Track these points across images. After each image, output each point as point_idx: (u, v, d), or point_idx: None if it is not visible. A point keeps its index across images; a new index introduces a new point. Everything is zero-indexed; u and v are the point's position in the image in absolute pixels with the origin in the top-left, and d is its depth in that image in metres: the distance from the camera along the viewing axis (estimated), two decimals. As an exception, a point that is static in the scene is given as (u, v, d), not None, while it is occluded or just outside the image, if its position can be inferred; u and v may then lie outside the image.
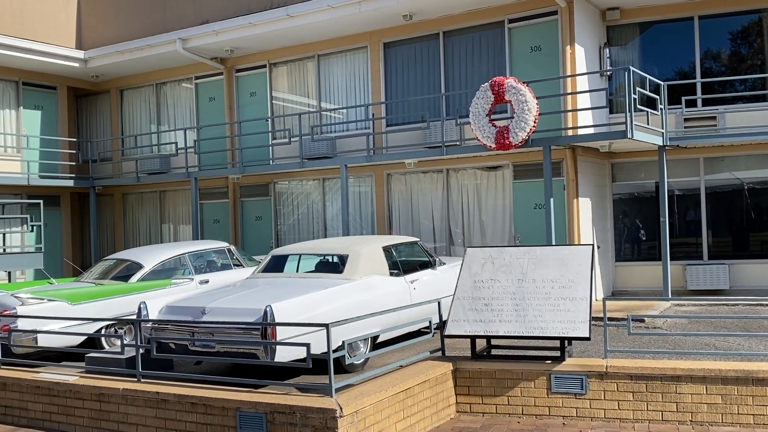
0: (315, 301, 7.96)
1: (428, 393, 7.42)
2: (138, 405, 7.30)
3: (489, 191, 13.86)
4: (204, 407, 6.87)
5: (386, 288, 8.93)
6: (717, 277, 13.03)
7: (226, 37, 15.34)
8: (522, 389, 7.64)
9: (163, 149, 17.55)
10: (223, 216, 16.96)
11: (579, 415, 7.46)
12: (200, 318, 7.75)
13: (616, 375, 7.36)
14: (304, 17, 14.30)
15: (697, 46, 13.50)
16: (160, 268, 10.74)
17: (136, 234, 18.54)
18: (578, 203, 12.76)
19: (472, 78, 13.93)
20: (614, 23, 13.86)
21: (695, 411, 7.17)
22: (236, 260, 11.71)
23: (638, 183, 13.97)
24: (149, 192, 18.27)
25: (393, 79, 14.83)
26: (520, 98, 11.43)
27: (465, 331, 7.91)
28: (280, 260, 9.72)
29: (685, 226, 13.73)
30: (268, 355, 7.25)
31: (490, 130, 11.72)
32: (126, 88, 18.78)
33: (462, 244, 14.02)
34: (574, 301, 7.65)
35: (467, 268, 8.40)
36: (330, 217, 15.59)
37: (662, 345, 9.08)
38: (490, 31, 13.74)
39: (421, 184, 14.54)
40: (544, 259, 8.10)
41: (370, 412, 6.55)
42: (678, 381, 7.21)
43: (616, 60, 13.89)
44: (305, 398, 6.49)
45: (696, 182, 13.54)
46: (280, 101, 16.33)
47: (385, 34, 14.75)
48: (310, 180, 15.84)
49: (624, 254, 14.08)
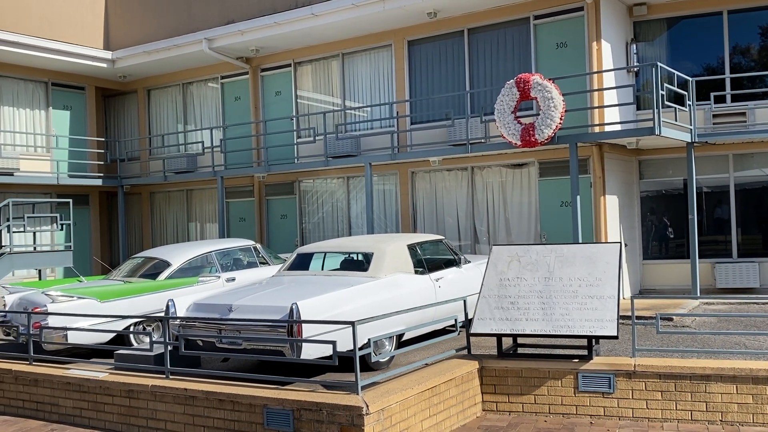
0: (340, 298, 7.98)
1: (454, 391, 7.41)
2: (166, 401, 7.37)
3: (514, 189, 13.78)
4: (231, 404, 6.92)
5: (411, 286, 8.93)
6: (747, 275, 12.84)
7: (251, 36, 15.43)
8: (549, 388, 7.59)
9: (190, 148, 17.70)
10: (248, 214, 17.08)
11: (607, 414, 7.40)
12: (227, 315, 7.81)
13: (645, 374, 7.29)
14: (329, 16, 14.34)
15: (726, 41, 13.30)
16: (187, 266, 10.82)
17: (163, 232, 18.74)
18: (605, 201, 12.65)
19: (497, 75, 13.87)
20: (641, 19, 13.70)
21: (725, 411, 7.07)
22: (262, 258, 11.77)
23: (666, 180, 13.81)
24: (176, 191, 18.44)
25: (417, 77, 14.81)
26: (546, 95, 11.36)
27: (491, 330, 7.88)
28: (305, 258, 9.76)
29: (713, 223, 13.54)
30: (294, 352, 7.29)
31: (516, 127, 11.66)
32: (153, 88, 18.97)
33: (487, 242, 13.96)
34: (601, 300, 7.59)
35: (493, 266, 8.36)
36: (354, 215, 15.62)
37: (691, 344, 8.97)
38: (516, 28, 13.66)
39: (446, 181, 14.51)
40: (570, 257, 8.05)
41: (396, 410, 6.55)
42: (708, 380, 7.12)
43: (643, 56, 13.73)
44: (332, 395, 6.52)
45: (725, 179, 13.35)
46: (305, 100, 16.39)
47: (410, 32, 14.74)
48: (334, 178, 15.89)
49: (651, 252, 13.93)
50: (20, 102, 17.32)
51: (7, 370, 8.75)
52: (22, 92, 17.36)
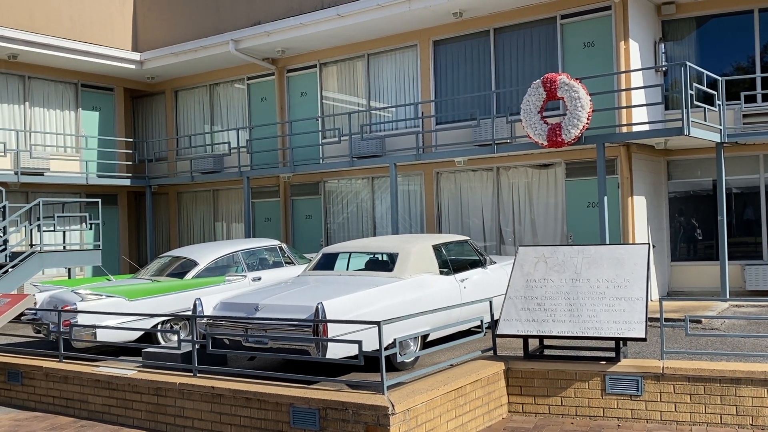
0: (365, 298, 7.99)
1: (480, 392, 7.39)
2: (194, 399, 7.44)
3: (540, 189, 13.70)
4: (258, 402, 6.97)
5: (436, 287, 8.91)
6: (778, 277, 12.64)
7: (277, 37, 15.52)
8: (576, 390, 7.53)
9: (217, 149, 17.84)
10: (274, 214, 17.17)
11: (634, 417, 7.33)
12: (253, 314, 7.86)
13: (673, 376, 7.21)
14: (354, 17, 14.37)
15: (757, 39, 13.09)
16: (214, 265, 10.91)
17: (190, 232, 18.91)
18: (633, 202, 12.52)
19: (523, 75, 13.80)
20: (670, 18, 13.55)
21: (756, 414, 6.97)
22: (287, 258, 11.83)
23: (695, 181, 13.63)
24: (203, 191, 18.61)
25: (442, 77, 14.79)
26: (573, 95, 11.27)
27: (517, 331, 7.84)
28: (330, 258, 9.78)
29: (743, 225, 13.34)
30: (320, 351, 7.32)
31: (542, 128, 11.59)
32: (180, 89, 19.16)
33: (512, 243, 13.89)
34: (629, 301, 7.51)
35: (519, 267, 8.32)
36: (379, 215, 15.63)
37: (720, 347, 8.85)
38: (542, 27, 13.58)
39: (471, 182, 14.46)
40: (598, 259, 7.98)
41: (421, 410, 6.55)
42: (738, 383, 7.02)
43: (672, 55, 13.57)
44: (357, 395, 6.53)
45: (755, 180, 13.14)
46: (330, 101, 16.44)
47: (435, 32, 14.72)
48: (359, 179, 15.91)
49: (680, 254, 13.75)
50: (50, 103, 17.59)
51: (38, 367, 8.89)
52: (52, 93, 17.62)
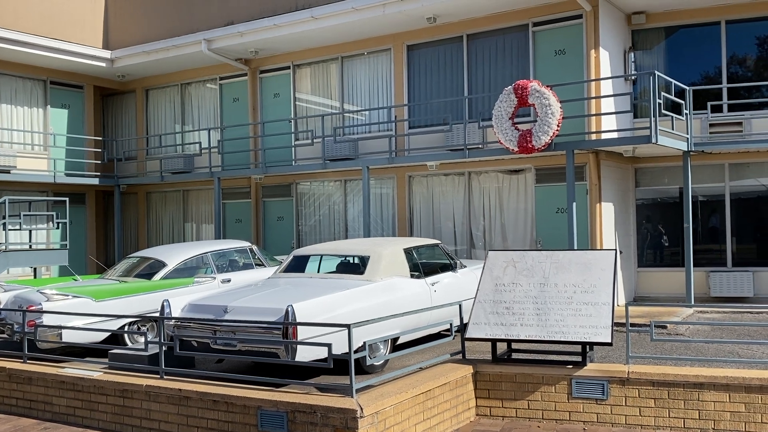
0: (336, 301, 7.99)
1: (448, 395, 7.43)
2: (161, 402, 7.37)
3: (511, 194, 13.82)
4: (226, 405, 6.93)
5: (407, 290, 8.95)
6: (741, 284, 12.89)
7: (250, 38, 15.45)
8: (542, 393, 7.61)
9: (187, 149, 17.71)
10: (245, 216, 17.08)
11: (600, 421, 7.42)
12: (222, 316, 7.82)
13: (638, 381, 7.31)
14: (329, 19, 14.37)
15: (724, 50, 13.37)
16: (183, 266, 10.82)
17: (159, 232, 18.73)
18: (601, 208, 12.69)
19: (495, 81, 13.91)
20: (639, 27, 13.76)
21: (718, 419, 7.10)
22: (258, 260, 11.78)
23: (662, 188, 13.86)
24: (173, 191, 18.44)
25: (416, 82, 14.85)
26: (544, 102, 11.40)
27: (486, 335, 7.90)
28: (301, 260, 9.77)
29: (708, 232, 13.59)
30: (289, 354, 7.30)
31: (513, 134, 11.70)
32: (151, 88, 18.98)
33: (483, 247, 13.99)
34: (596, 306, 7.61)
35: (489, 271, 8.39)
36: (351, 218, 15.63)
37: (685, 352, 9.00)
38: (514, 35, 13.71)
39: (443, 186, 14.54)
40: (566, 264, 8.07)
41: (390, 413, 6.56)
42: (701, 388, 7.15)
43: (641, 64, 13.79)
44: (326, 398, 6.52)
45: (721, 188, 13.40)
46: (303, 102, 16.42)
47: (409, 36, 14.78)
48: (331, 181, 15.90)
49: (646, 260, 13.97)
50: (18, 100, 17.30)
51: (1, 368, 8.73)
52: (20, 90, 17.34)
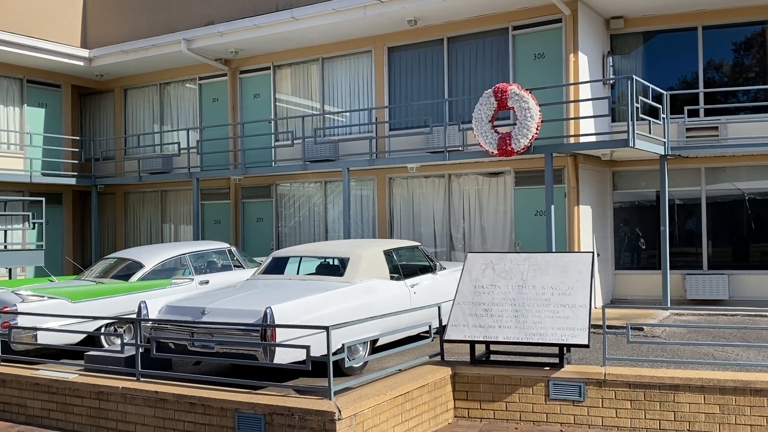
0: (315, 303, 7.98)
1: (427, 397, 7.44)
2: (137, 404, 7.31)
3: (490, 197, 13.88)
4: (203, 407, 6.88)
5: (386, 292, 8.95)
6: (716, 287, 13.05)
7: (230, 38, 15.39)
8: (520, 395, 7.65)
9: (166, 149, 17.58)
10: (224, 217, 16.99)
11: (577, 423, 7.47)
12: (200, 318, 7.77)
13: (615, 383, 7.37)
14: (309, 20, 14.35)
15: (701, 56, 13.53)
16: (160, 267, 10.75)
17: (137, 233, 18.57)
18: (579, 211, 12.78)
19: (475, 84, 13.97)
20: (618, 32, 13.89)
21: (693, 420, 7.18)
22: (237, 261, 11.72)
23: (639, 192, 14.00)
24: (151, 191, 18.30)
25: (396, 84, 14.87)
26: (523, 105, 11.46)
27: (464, 336, 7.93)
28: (280, 262, 9.74)
29: (685, 235, 13.75)
30: (267, 356, 7.27)
31: (493, 136, 11.75)
32: (130, 88, 18.82)
33: (463, 249, 14.03)
34: (573, 308, 7.66)
35: (468, 273, 8.41)
36: (331, 219, 15.61)
37: (661, 354, 9.09)
38: (494, 38, 13.78)
39: (423, 188, 14.57)
40: (544, 266, 8.12)
41: (368, 416, 6.56)
42: (676, 390, 7.22)
43: (619, 69, 13.92)
44: (304, 400, 6.50)
45: (697, 192, 13.57)
46: (284, 103, 16.37)
47: (390, 38, 14.79)
48: (312, 182, 15.87)
49: (624, 262, 14.10)
50: (-6, 98, 17.09)
51: (-26, 370, 8.61)
52: (-5, 88, 17.14)
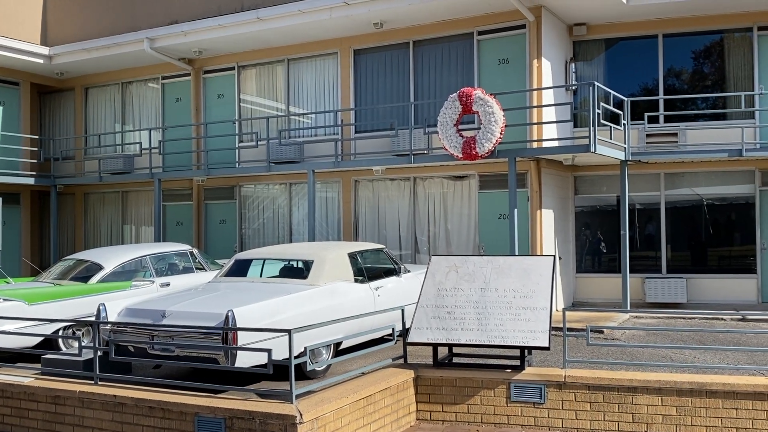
0: (278, 306, 7.93)
1: (389, 400, 7.44)
2: (94, 408, 7.18)
3: (455, 200, 13.95)
4: (162, 411, 6.79)
5: (351, 294, 8.94)
6: (675, 290, 13.29)
7: (194, 38, 15.23)
8: (482, 397, 7.69)
9: (127, 149, 17.33)
10: (186, 218, 16.80)
11: (537, 425, 7.54)
12: (160, 321, 7.67)
13: (574, 385, 7.46)
14: (275, 21, 14.26)
15: (661, 63, 13.79)
16: (120, 269, 10.61)
17: (97, 234, 18.26)
18: (541, 214, 12.92)
19: (440, 88, 14.03)
20: (581, 39, 14.08)
21: (650, 422, 7.30)
22: (199, 263, 11.62)
23: (600, 196, 14.20)
24: (111, 192, 18.01)
25: (362, 86, 14.87)
26: (487, 109, 11.55)
27: (427, 339, 7.95)
28: (243, 264, 9.66)
29: (645, 239, 13.98)
30: (229, 360, 7.21)
31: (458, 140, 11.82)
32: (91, 87, 18.51)
33: (427, 252, 14.08)
34: (534, 311, 7.74)
35: (431, 276, 8.44)
36: (296, 222, 15.54)
37: (620, 356, 9.23)
38: (460, 42, 13.86)
39: (389, 191, 14.58)
40: (506, 269, 8.19)
41: (330, 419, 6.54)
42: (634, 392, 7.33)
43: (582, 75, 14.11)
44: (265, 404, 6.46)
45: (656, 197, 13.81)
46: (248, 104, 16.25)
47: (356, 41, 14.79)
48: (276, 184, 15.78)
49: (585, 266, 14.28)
50: (-51, 95, 16.67)
51: (-75, 375, 8.37)
52: (-49, 85, 16.72)
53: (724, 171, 13.44)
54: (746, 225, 13.39)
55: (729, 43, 13.54)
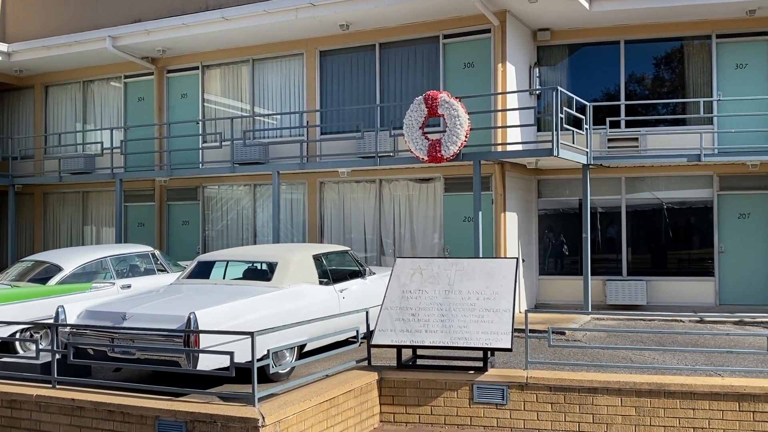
0: (241, 308, 7.87)
1: (353, 402, 7.43)
2: (52, 412, 7.04)
3: (420, 203, 14.00)
4: (122, 415, 6.69)
5: (315, 297, 8.90)
6: (635, 292, 13.51)
7: (158, 36, 15.04)
8: (445, 399, 7.73)
9: (88, 149, 17.04)
10: (148, 219, 16.57)
11: (499, 426, 7.60)
12: (121, 324, 7.56)
13: (536, 386, 7.54)
14: (240, 21, 14.16)
15: (623, 69, 14.01)
16: (80, 271, 10.44)
17: (56, 235, 17.91)
18: (505, 217, 13.03)
19: (406, 90, 14.07)
20: (544, 44, 14.25)
21: (610, 422, 7.40)
22: (160, 265, 11.48)
23: (563, 199, 14.38)
24: (72, 192, 17.69)
25: (328, 88, 14.84)
26: (453, 113, 11.62)
27: (391, 341, 7.96)
28: (206, 266, 9.57)
29: (606, 242, 14.19)
30: (191, 363, 7.13)
31: (423, 143, 11.87)
32: (51, 85, 18.17)
33: (393, 254, 14.10)
34: (497, 313, 7.80)
35: (396, 278, 8.46)
36: (260, 223, 15.43)
37: (581, 357, 9.34)
38: (426, 46, 13.92)
39: (354, 193, 14.57)
40: (470, 271, 8.24)
41: (293, 422, 6.51)
42: (595, 393, 7.43)
43: (545, 80, 14.28)
44: (227, 407, 6.40)
45: (617, 201, 14.03)
46: (212, 104, 16.10)
47: (322, 42, 14.75)
48: (240, 185, 15.65)
49: (548, 268, 14.44)
50: None
51: None
52: None
53: (684, 176, 13.71)
54: (704, 229, 13.68)
55: (689, 50, 13.83)
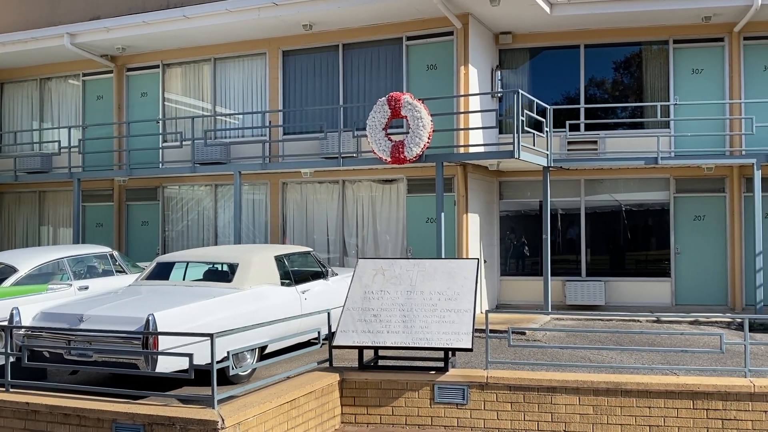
0: (201, 310, 7.79)
1: (314, 404, 7.41)
2: (5, 416, 6.89)
3: (384, 204, 14.02)
4: (78, 419, 6.57)
5: (276, 298, 8.86)
6: (594, 293, 13.72)
7: (118, 34, 14.81)
8: (406, 399, 7.75)
9: (45, 148, 16.69)
10: (106, 220, 16.30)
11: (460, 425, 7.65)
12: (77, 325, 7.43)
13: (496, 386, 7.61)
14: (201, 19, 14.02)
15: (582, 73, 14.23)
16: (36, 272, 10.24)
17: (12, 236, 17.51)
18: (467, 218, 13.12)
19: (370, 91, 14.08)
20: (506, 47, 14.40)
21: (569, 421, 7.51)
22: (119, 266, 11.32)
23: (524, 201, 14.54)
24: (28, 192, 17.31)
25: (291, 88, 14.77)
26: (416, 114, 11.67)
27: (353, 342, 7.96)
28: (165, 267, 9.45)
29: (566, 243, 14.39)
30: (149, 365, 7.04)
31: (386, 144, 11.89)
32: (7, 82, 17.76)
33: (356, 255, 14.09)
34: (458, 313, 7.86)
35: (358, 279, 8.46)
36: (222, 224, 15.29)
37: (541, 357, 9.46)
38: (389, 47, 13.95)
39: (317, 194, 14.53)
40: (432, 272, 8.28)
41: (252, 424, 6.47)
42: (553, 392, 7.53)
43: (507, 82, 14.42)
44: (186, 410, 6.33)
45: (577, 202, 14.24)
46: (173, 103, 15.91)
47: (285, 42, 14.68)
48: (201, 185, 15.49)
49: (509, 269, 14.59)
50: None
51: None
52: None
53: (641, 178, 13.97)
54: (661, 230, 13.95)
55: (647, 54, 14.10)
